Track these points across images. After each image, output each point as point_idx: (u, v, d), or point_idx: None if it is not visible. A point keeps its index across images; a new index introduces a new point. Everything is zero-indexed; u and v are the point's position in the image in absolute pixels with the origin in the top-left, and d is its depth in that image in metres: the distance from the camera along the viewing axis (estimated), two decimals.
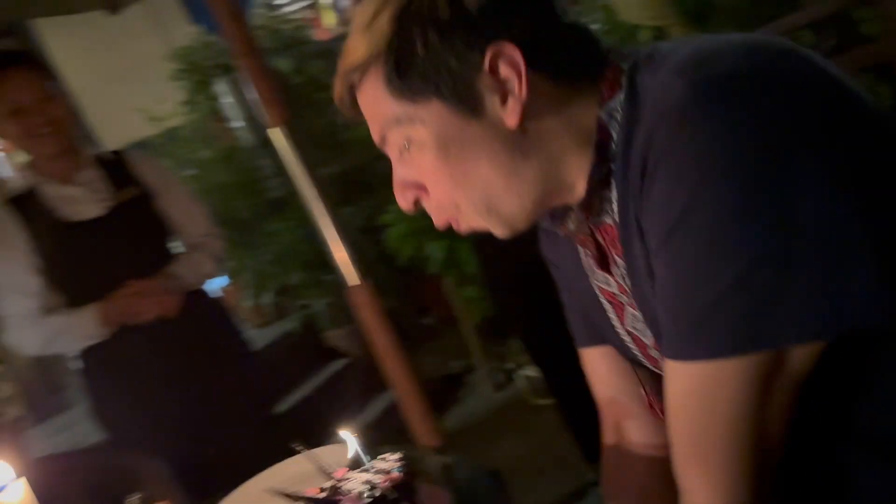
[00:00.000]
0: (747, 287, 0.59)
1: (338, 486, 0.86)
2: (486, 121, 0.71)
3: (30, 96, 1.71)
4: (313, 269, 3.75)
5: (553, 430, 2.80)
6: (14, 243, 1.74)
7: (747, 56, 0.64)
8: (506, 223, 0.76)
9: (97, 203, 1.80)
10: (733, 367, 0.61)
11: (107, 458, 1.54)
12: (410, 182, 0.77)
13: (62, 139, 1.77)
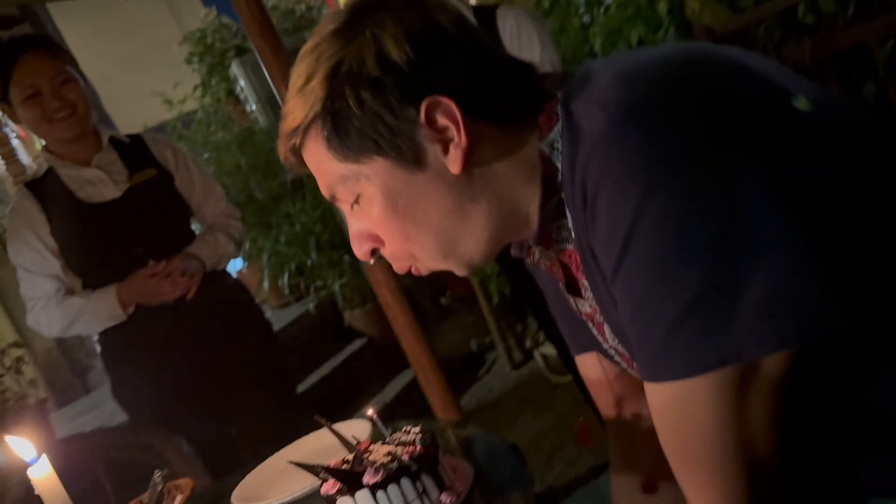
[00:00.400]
0: (700, 308, 0.59)
1: (360, 459, 0.87)
2: (430, 171, 0.71)
3: (45, 81, 1.70)
4: (331, 250, 3.77)
5: (571, 406, 2.81)
6: (34, 226, 1.74)
7: (663, 77, 0.64)
8: (464, 264, 0.77)
9: (114, 185, 1.80)
10: (703, 384, 0.61)
11: (130, 436, 1.56)
12: (365, 234, 0.77)
13: (78, 123, 1.76)
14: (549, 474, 2.45)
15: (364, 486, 0.82)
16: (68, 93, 1.73)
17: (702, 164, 0.59)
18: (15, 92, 1.71)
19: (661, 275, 0.60)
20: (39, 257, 1.75)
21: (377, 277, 1.70)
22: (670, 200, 0.59)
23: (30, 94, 1.70)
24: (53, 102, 1.71)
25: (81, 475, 1.50)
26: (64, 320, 1.76)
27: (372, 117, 0.69)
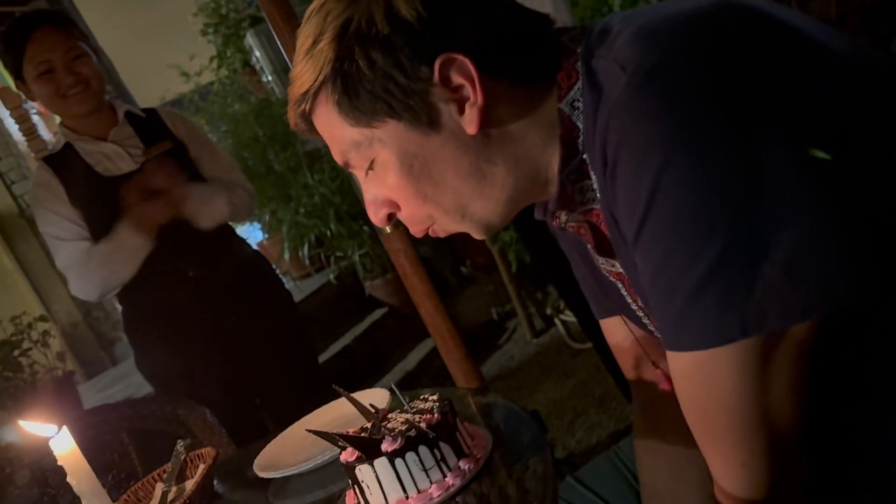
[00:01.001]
0: (720, 277, 0.57)
1: (378, 427, 0.87)
2: (445, 132, 0.69)
3: (58, 56, 1.70)
4: (350, 220, 3.77)
5: (592, 373, 2.81)
6: (58, 198, 1.76)
7: (683, 35, 0.61)
8: (481, 227, 0.76)
9: (131, 158, 1.80)
10: (724, 354, 0.59)
11: (156, 407, 1.58)
12: (381, 199, 0.76)
13: (92, 98, 1.76)
14: (570, 440, 2.46)
15: (382, 454, 0.82)
16: (81, 68, 1.73)
17: (722, 129, 0.57)
18: (29, 69, 1.71)
19: (680, 243, 0.58)
20: (67, 223, 1.76)
21: (395, 247, 1.69)
22: (690, 167, 0.57)
23: (43, 70, 1.70)
24: (67, 78, 1.71)
25: (108, 445, 1.53)
26: (97, 272, 1.74)
27: (383, 78, 0.67)
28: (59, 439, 0.84)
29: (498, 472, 0.86)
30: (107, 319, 5.30)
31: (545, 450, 0.87)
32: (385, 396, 1.10)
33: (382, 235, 1.74)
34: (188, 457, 1.12)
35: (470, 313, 3.78)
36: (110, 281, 1.76)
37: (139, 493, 1.12)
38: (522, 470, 0.84)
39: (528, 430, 0.94)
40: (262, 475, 1.07)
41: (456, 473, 0.84)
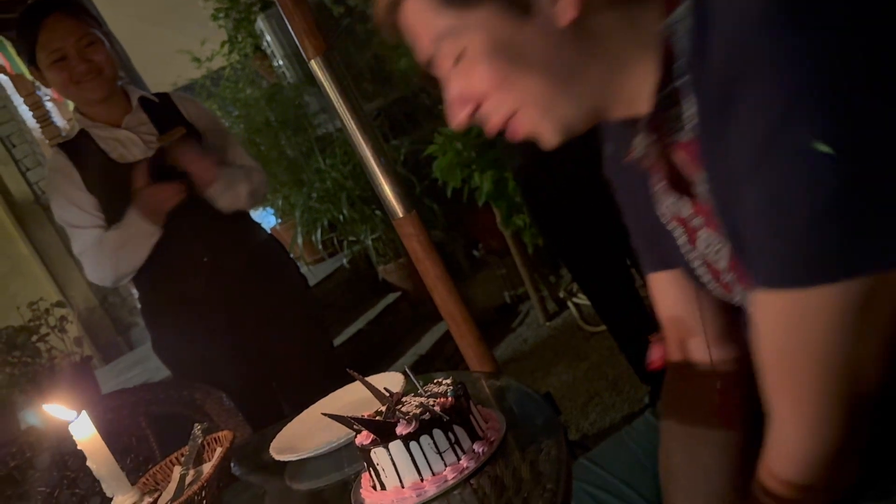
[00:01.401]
0: (842, 211, 0.55)
1: (393, 410, 0.88)
2: (538, 21, 0.67)
3: (71, 44, 1.70)
4: (362, 205, 3.78)
5: (605, 355, 2.81)
6: (74, 184, 1.76)
7: None
8: (562, 127, 0.73)
9: (145, 145, 1.81)
10: (827, 295, 0.57)
11: (173, 391, 1.60)
12: (465, 95, 0.73)
13: (105, 84, 1.77)
14: (583, 422, 2.47)
15: (397, 437, 0.83)
16: (94, 55, 1.73)
17: (856, 59, 0.54)
18: (42, 56, 1.71)
19: (808, 171, 0.56)
20: (82, 210, 1.77)
21: (407, 231, 1.69)
22: (829, 99, 0.55)
23: (56, 58, 1.71)
24: (80, 65, 1.72)
25: (127, 429, 1.55)
26: (109, 258, 1.76)
27: None
28: (78, 424, 0.85)
29: (512, 455, 0.87)
30: (123, 305, 5.35)
31: (558, 432, 0.87)
32: (399, 380, 1.11)
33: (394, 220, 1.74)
34: (205, 440, 1.14)
35: (483, 297, 3.78)
36: (122, 267, 1.78)
37: (157, 476, 1.13)
38: (536, 452, 0.85)
39: (541, 412, 0.95)
40: (278, 458, 1.08)
41: (470, 456, 0.84)
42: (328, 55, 1.54)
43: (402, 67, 3.85)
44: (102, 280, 1.81)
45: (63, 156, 1.79)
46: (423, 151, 3.40)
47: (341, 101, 1.62)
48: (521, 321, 3.59)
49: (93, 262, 1.77)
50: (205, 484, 0.98)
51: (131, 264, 1.78)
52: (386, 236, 3.77)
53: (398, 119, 4.17)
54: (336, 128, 4.05)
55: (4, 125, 5.13)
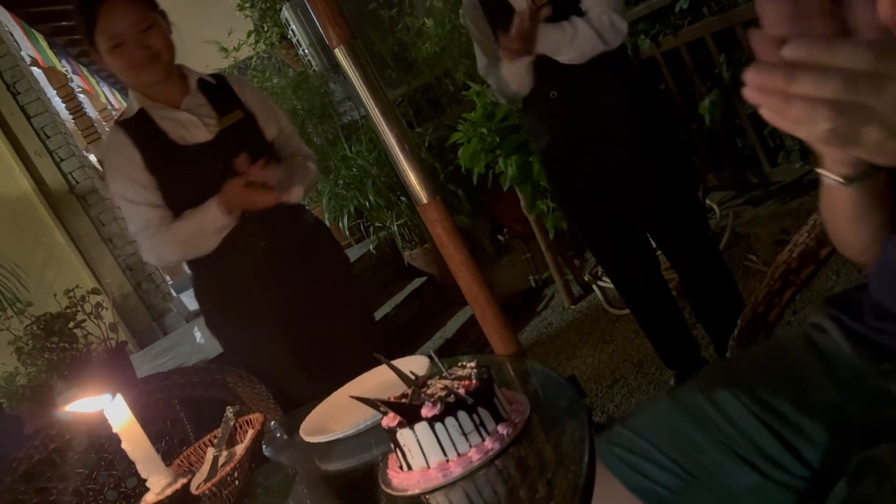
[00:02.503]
0: None
1: (418, 393, 0.90)
2: None
3: (128, 29, 1.69)
4: (388, 191, 3.80)
5: (630, 338, 2.81)
6: (133, 162, 1.77)
7: None
8: None
9: (205, 128, 1.81)
10: None
11: (206, 375, 1.64)
12: None
13: (163, 68, 1.76)
14: (609, 404, 2.48)
15: (422, 419, 0.85)
16: (151, 40, 1.72)
17: None
18: (100, 40, 1.71)
19: None
20: (141, 188, 1.78)
21: (432, 217, 1.70)
22: None
23: (114, 44, 1.70)
24: (138, 52, 1.71)
25: (161, 412, 1.59)
26: (179, 244, 1.78)
27: None
28: (114, 408, 0.88)
29: (536, 437, 0.88)
30: (157, 291, 5.46)
31: (582, 414, 0.88)
32: (424, 363, 1.13)
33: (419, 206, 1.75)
34: (237, 422, 1.17)
35: (508, 281, 3.79)
36: (191, 254, 1.82)
37: (191, 458, 1.17)
38: (560, 434, 0.86)
39: (565, 395, 0.96)
40: (308, 440, 1.11)
41: (495, 438, 0.86)
42: (352, 44, 1.55)
43: (426, 54, 3.85)
44: (161, 262, 1.86)
45: (122, 134, 1.79)
46: (448, 138, 3.41)
47: (365, 90, 1.63)
48: (546, 305, 3.59)
49: (158, 244, 1.79)
50: (237, 465, 1.01)
51: (200, 252, 1.80)
52: (411, 222, 3.79)
53: (422, 105, 4.17)
54: (361, 115, 4.07)
55: (38, 117, 5.23)
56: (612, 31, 1.90)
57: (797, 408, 0.90)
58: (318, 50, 4.29)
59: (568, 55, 1.91)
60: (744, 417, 0.92)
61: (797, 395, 0.90)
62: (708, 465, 0.92)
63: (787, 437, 0.89)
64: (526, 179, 3.02)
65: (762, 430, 0.90)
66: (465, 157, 3.20)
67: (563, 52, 1.91)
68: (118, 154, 1.78)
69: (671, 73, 3.36)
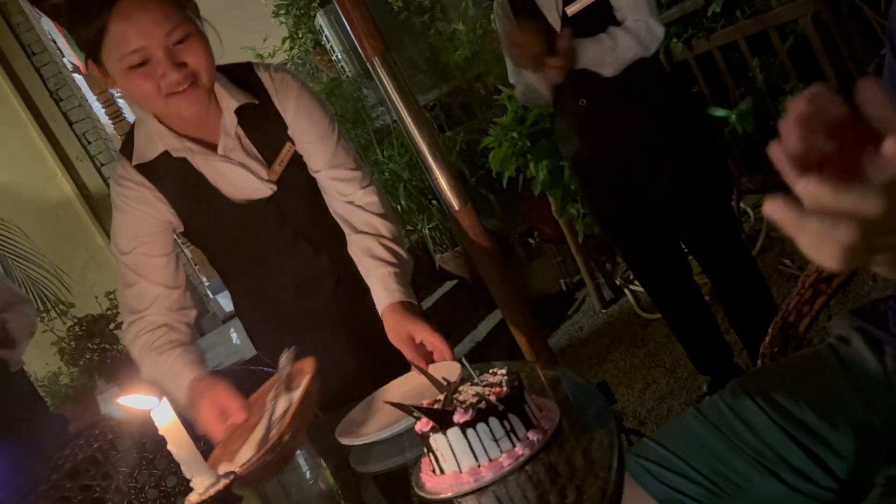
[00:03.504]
0: None
1: (451, 398, 0.92)
2: None
3: (157, 41, 1.20)
4: (419, 195, 3.83)
5: (662, 342, 2.80)
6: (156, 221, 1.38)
7: None
8: None
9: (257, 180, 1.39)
10: None
11: (242, 375, 1.68)
12: None
13: (204, 97, 1.27)
14: (641, 409, 2.47)
15: (455, 425, 0.87)
16: (187, 55, 1.22)
17: None
18: (112, 55, 1.21)
19: None
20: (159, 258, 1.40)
21: (463, 223, 1.73)
22: None
23: (135, 62, 1.20)
24: (170, 74, 1.21)
25: None
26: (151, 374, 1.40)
27: None
28: (160, 410, 0.91)
29: (565, 443, 0.90)
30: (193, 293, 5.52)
31: (611, 422, 0.89)
32: (456, 369, 1.15)
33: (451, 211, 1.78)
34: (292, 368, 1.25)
35: (538, 284, 3.80)
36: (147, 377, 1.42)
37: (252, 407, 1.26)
38: (589, 441, 0.88)
39: (594, 402, 0.97)
40: (344, 442, 1.14)
41: (525, 444, 0.88)
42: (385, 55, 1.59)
43: (458, 59, 3.88)
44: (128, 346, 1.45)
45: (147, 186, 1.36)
46: (479, 141, 3.43)
47: (398, 99, 1.67)
48: (577, 308, 3.59)
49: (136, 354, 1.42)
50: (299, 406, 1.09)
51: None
52: (443, 225, 3.82)
53: (453, 109, 4.20)
54: (393, 119, 4.12)
55: (80, 123, 5.36)
56: (649, 37, 1.90)
57: (824, 420, 0.90)
58: (351, 56, 4.35)
59: (611, 68, 1.91)
60: (770, 430, 0.93)
61: (823, 408, 0.91)
62: (735, 477, 0.93)
63: (814, 449, 0.89)
64: (556, 184, 3.03)
65: (789, 442, 0.91)
66: (495, 160, 3.22)
67: (606, 65, 1.91)
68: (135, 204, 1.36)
69: (704, 77, 3.34)
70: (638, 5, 1.89)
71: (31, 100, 5.28)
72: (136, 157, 1.36)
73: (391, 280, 1.35)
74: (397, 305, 1.31)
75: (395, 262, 1.38)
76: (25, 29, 5.30)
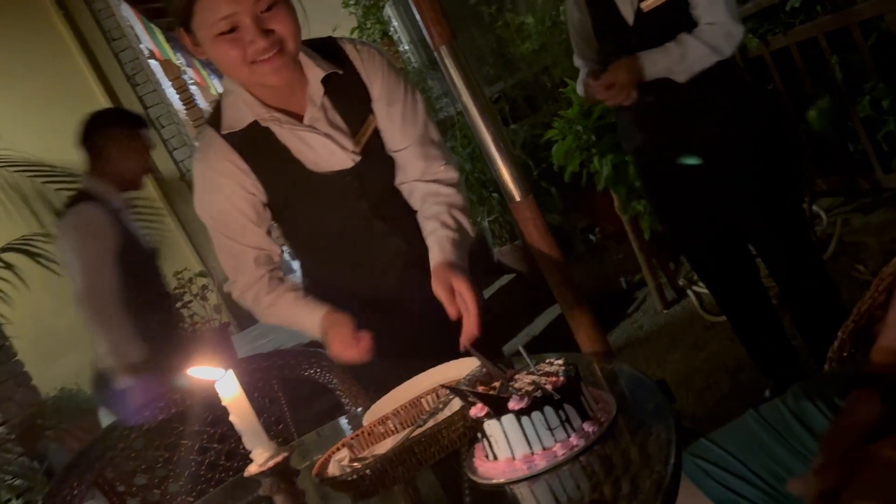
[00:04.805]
0: None
1: (507, 386, 0.93)
2: None
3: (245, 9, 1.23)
4: (480, 187, 3.83)
5: (725, 345, 2.73)
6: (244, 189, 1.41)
7: None
8: None
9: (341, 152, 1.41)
10: None
11: (303, 357, 1.71)
12: None
13: (289, 65, 1.31)
14: (699, 411, 2.42)
15: (510, 412, 0.87)
16: (274, 23, 1.25)
17: None
18: (203, 22, 1.25)
19: None
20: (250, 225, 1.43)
21: (524, 215, 1.72)
22: None
23: (224, 29, 1.24)
24: (256, 41, 1.24)
25: (260, 391, 1.67)
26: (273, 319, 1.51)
27: None
28: (225, 382, 0.94)
29: (621, 437, 0.89)
30: None
31: (670, 417, 0.88)
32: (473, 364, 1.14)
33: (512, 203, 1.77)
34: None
35: (598, 282, 3.76)
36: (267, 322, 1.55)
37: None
38: (646, 435, 0.86)
39: (652, 397, 0.96)
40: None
41: (580, 434, 0.87)
42: (453, 44, 1.59)
43: (525, 51, 3.86)
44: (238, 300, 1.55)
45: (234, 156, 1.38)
46: (542, 135, 3.41)
47: (464, 88, 1.67)
48: (637, 307, 3.54)
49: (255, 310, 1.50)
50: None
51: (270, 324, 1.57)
52: (502, 218, 3.81)
53: (518, 102, 4.18)
54: (457, 111, 4.12)
55: (154, 107, 5.56)
56: (725, 41, 1.85)
57: None
58: (417, 47, 4.37)
59: (682, 76, 1.88)
60: None
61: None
62: None
63: None
64: (621, 179, 2.99)
65: None
66: (559, 154, 3.20)
67: (676, 74, 1.88)
68: (223, 177, 1.39)
69: (780, 74, 3.23)
70: (715, 4, 1.84)
71: (108, 84, 5.50)
72: (224, 127, 1.38)
73: (448, 243, 1.39)
74: (448, 263, 1.35)
75: (456, 229, 1.42)
76: (106, 15, 5.53)
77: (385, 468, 0.97)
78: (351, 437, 1.11)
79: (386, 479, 0.98)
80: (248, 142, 1.38)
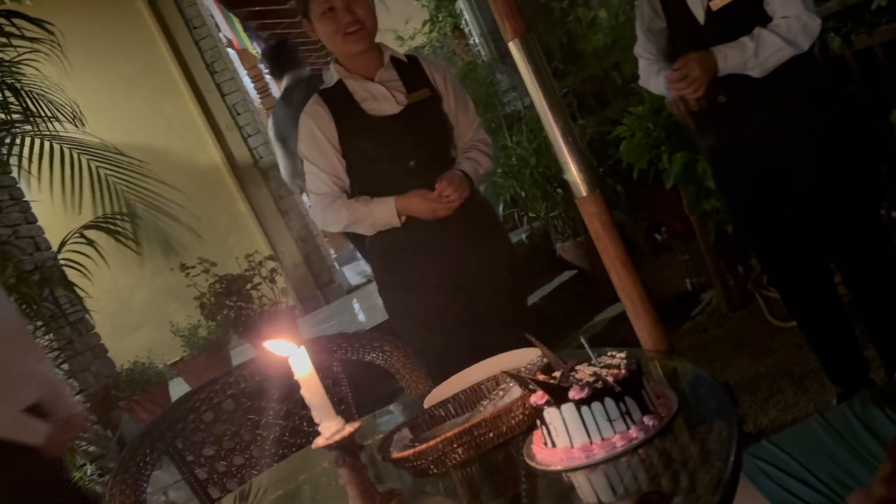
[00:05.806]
0: None
1: (567, 376, 0.94)
2: None
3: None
4: (544, 182, 3.82)
5: (793, 352, 2.66)
6: (325, 128, 1.94)
7: None
8: None
9: (395, 101, 1.95)
10: None
11: (365, 341, 1.75)
12: None
13: (367, 38, 1.92)
14: (763, 418, 2.37)
15: (570, 401, 0.89)
16: (358, 8, 1.88)
17: None
18: (314, 7, 1.88)
19: None
20: (328, 156, 1.95)
21: (590, 210, 1.71)
22: None
23: (325, 9, 1.87)
24: (346, 17, 1.87)
25: (323, 372, 1.72)
26: (348, 220, 1.96)
27: None
28: (298, 358, 0.99)
29: (681, 432, 0.89)
30: (322, 263, 5.84)
31: (732, 416, 0.87)
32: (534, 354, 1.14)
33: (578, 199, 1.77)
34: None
35: (662, 282, 3.70)
36: (347, 229, 2.01)
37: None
38: (706, 432, 0.86)
39: (715, 396, 0.95)
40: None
41: (640, 427, 0.87)
42: (526, 37, 1.59)
43: (596, 45, 3.82)
44: (325, 227, 2.06)
45: (321, 102, 1.97)
46: (609, 132, 3.37)
47: (535, 82, 1.66)
48: (702, 310, 3.47)
49: (329, 214, 1.97)
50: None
51: (360, 232, 2.01)
52: (566, 214, 3.79)
53: (586, 98, 4.14)
54: (524, 105, 4.11)
55: (231, 95, 5.72)
56: (802, 35, 1.80)
57: None
58: (488, 40, 4.38)
59: (757, 70, 1.84)
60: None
61: None
62: (856, 486, 0.89)
63: None
64: (690, 178, 2.93)
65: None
66: (627, 151, 3.16)
67: (750, 69, 1.84)
68: (312, 119, 1.96)
69: (863, 75, 3.11)
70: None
71: (189, 71, 5.68)
72: (324, 85, 2.02)
73: (466, 163, 1.98)
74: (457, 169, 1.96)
75: (477, 161, 2.01)
76: (188, 4, 5.71)
77: (444, 450, 0.99)
78: (413, 418, 1.14)
79: (445, 460, 1.00)
80: (332, 95, 1.97)
